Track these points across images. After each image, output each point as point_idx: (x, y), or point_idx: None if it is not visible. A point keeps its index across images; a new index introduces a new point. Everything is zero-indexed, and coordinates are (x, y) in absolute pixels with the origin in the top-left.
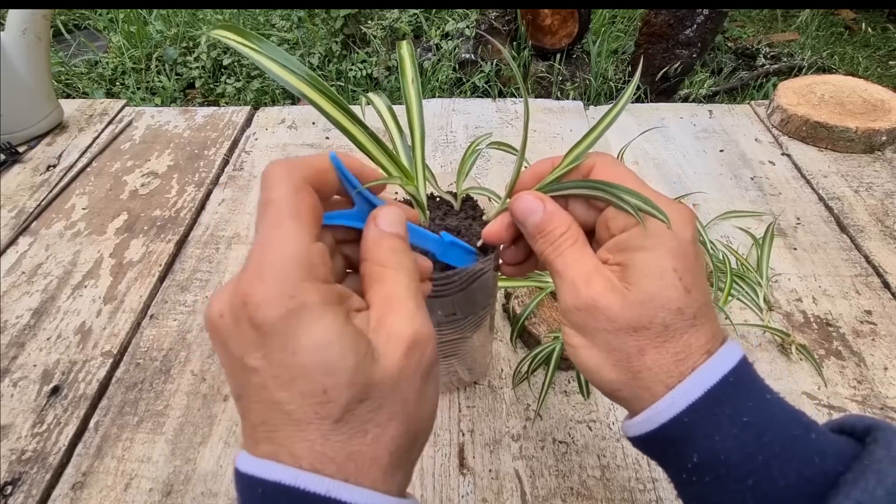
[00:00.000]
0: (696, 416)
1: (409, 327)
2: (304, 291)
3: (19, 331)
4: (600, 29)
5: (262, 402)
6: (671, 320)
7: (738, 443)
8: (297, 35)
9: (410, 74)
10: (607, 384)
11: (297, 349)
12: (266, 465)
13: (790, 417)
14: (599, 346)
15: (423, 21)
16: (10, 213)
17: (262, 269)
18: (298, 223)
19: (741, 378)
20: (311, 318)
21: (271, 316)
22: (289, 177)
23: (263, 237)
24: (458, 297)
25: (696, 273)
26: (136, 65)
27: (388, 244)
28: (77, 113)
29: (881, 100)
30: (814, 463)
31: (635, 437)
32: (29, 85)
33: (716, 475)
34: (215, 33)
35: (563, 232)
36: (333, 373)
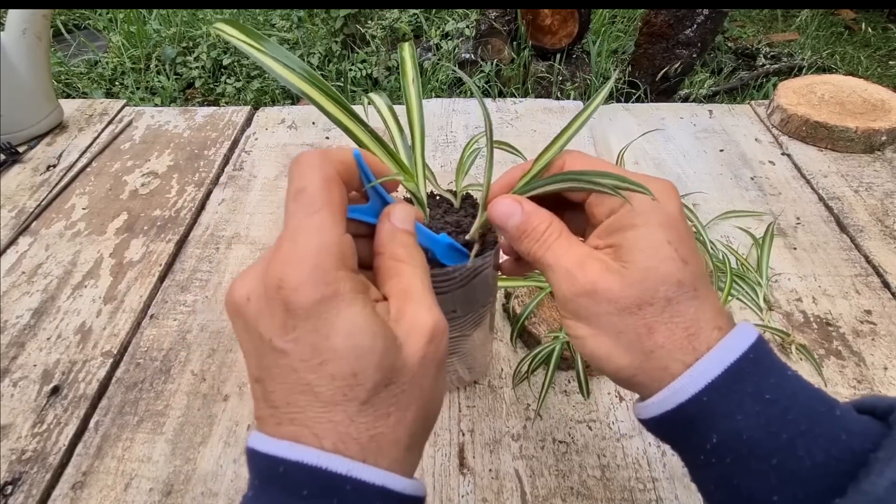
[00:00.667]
0: (715, 395)
1: (429, 318)
2: (338, 279)
3: (19, 331)
4: (600, 29)
5: (289, 384)
6: (673, 293)
7: (761, 421)
8: (297, 35)
9: (411, 75)
10: (622, 370)
11: (330, 333)
12: (288, 445)
13: (813, 395)
14: (607, 331)
15: (423, 21)
16: (10, 213)
17: (297, 254)
18: (332, 213)
19: (760, 355)
20: (345, 304)
21: (307, 300)
22: (322, 167)
23: (297, 224)
24: (458, 294)
25: (689, 244)
26: (136, 64)
27: (403, 240)
28: (77, 113)
29: (881, 100)
30: (841, 440)
31: (649, 419)
32: (29, 85)
33: (737, 455)
34: (217, 27)
35: (546, 227)
36: (363, 356)
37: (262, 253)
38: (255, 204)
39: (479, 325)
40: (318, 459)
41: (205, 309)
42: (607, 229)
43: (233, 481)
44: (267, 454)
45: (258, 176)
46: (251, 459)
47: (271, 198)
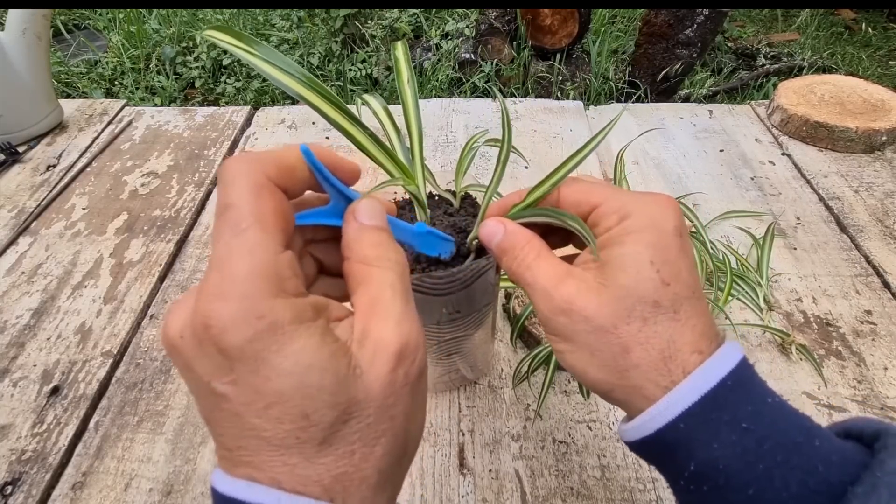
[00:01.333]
0: (692, 422)
1: (395, 336)
2: (273, 310)
3: (19, 331)
4: (600, 29)
5: (236, 428)
6: (649, 314)
7: (738, 450)
8: (297, 35)
9: (406, 75)
10: (597, 385)
11: (269, 374)
12: (246, 485)
13: (792, 423)
14: (583, 348)
15: (423, 21)
16: (10, 213)
17: (223, 286)
18: (262, 230)
19: (740, 381)
20: (284, 338)
21: (238, 339)
22: (249, 175)
23: (223, 248)
24: (461, 295)
25: (676, 266)
26: (136, 64)
27: (371, 238)
28: (77, 113)
29: (881, 100)
30: (818, 472)
31: (631, 442)
32: (29, 85)
33: (714, 484)
34: (207, 34)
35: (523, 245)
36: (313, 395)
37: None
38: None
39: (482, 324)
40: (279, 501)
41: None
42: (600, 246)
43: None
44: (224, 495)
45: None
46: (213, 498)
47: None
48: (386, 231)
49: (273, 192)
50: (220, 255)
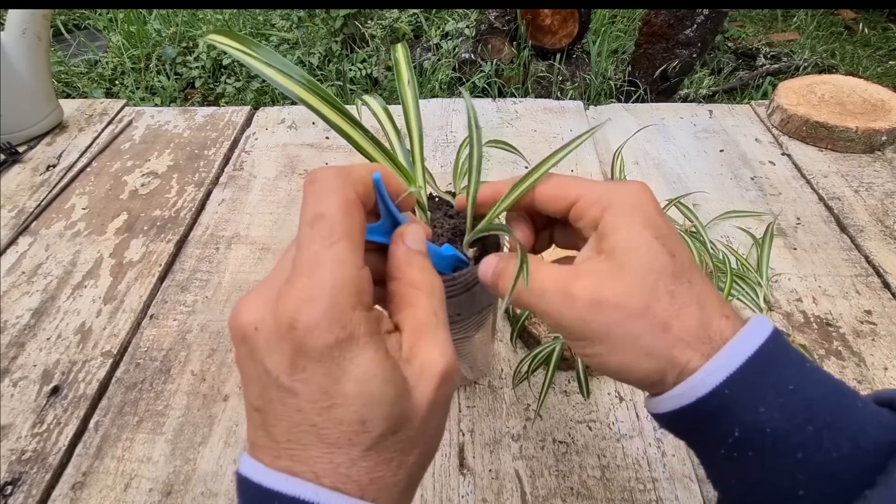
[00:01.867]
0: (737, 387)
1: (441, 359)
2: (354, 321)
3: (19, 331)
4: (600, 29)
5: (293, 423)
6: (673, 286)
7: (786, 413)
8: (297, 35)
9: (406, 76)
10: (647, 377)
11: (341, 378)
12: (285, 478)
13: (835, 386)
14: (623, 341)
15: (423, 21)
16: (10, 213)
17: (313, 291)
18: (351, 245)
19: (779, 346)
20: (359, 349)
21: (321, 343)
22: (342, 190)
23: (315, 255)
24: (462, 298)
25: (673, 239)
26: (136, 64)
27: (419, 263)
28: (77, 113)
29: (881, 100)
30: (866, 432)
31: (666, 413)
32: (29, 85)
33: (760, 449)
34: (210, 38)
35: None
36: (373, 405)
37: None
38: (255, 204)
39: (482, 326)
40: (317, 496)
41: (205, 309)
42: (598, 238)
43: (233, 481)
44: (261, 485)
45: (258, 176)
46: (242, 487)
47: (271, 198)
48: (427, 256)
49: (360, 210)
50: (311, 262)
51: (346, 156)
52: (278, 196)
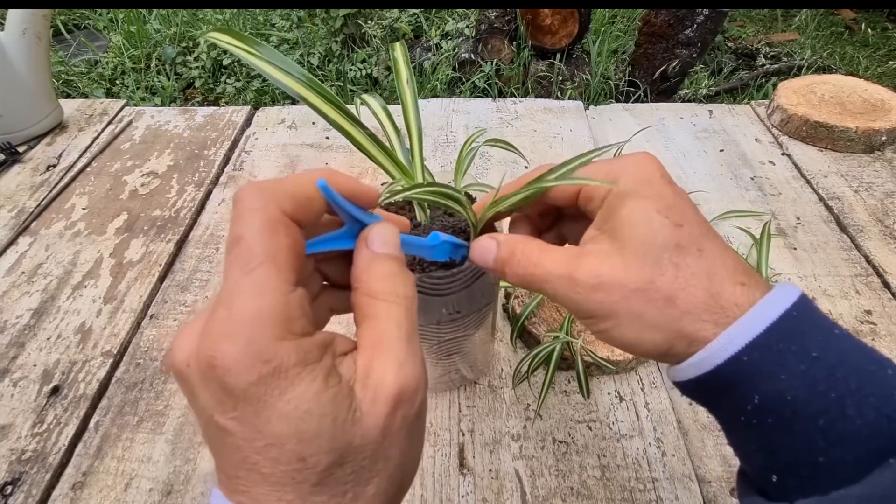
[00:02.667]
0: (758, 354)
1: (396, 378)
2: (279, 353)
3: (19, 331)
4: (600, 29)
5: (236, 460)
6: (677, 258)
7: (808, 380)
8: (297, 35)
9: (405, 75)
10: (656, 348)
11: (271, 416)
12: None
13: (863, 353)
14: (628, 316)
15: (423, 21)
16: (10, 213)
17: (230, 326)
18: (275, 269)
19: (805, 312)
20: (287, 383)
21: (242, 382)
22: (264, 209)
23: (234, 284)
24: (461, 295)
25: (680, 208)
26: (136, 64)
27: (381, 269)
28: (77, 113)
29: (881, 100)
30: (893, 399)
31: (686, 381)
32: (29, 85)
33: (780, 417)
34: (211, 36)
35: (522, 248)
36: (311, 440)
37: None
38: None
39: (482, 324)
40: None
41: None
42: (601, 218)
43: None
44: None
45: (258, 176)
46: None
47: None
48: (398, 260)
49: (288, 228)
50: (230, 292)
51: (346, 155)
52: None
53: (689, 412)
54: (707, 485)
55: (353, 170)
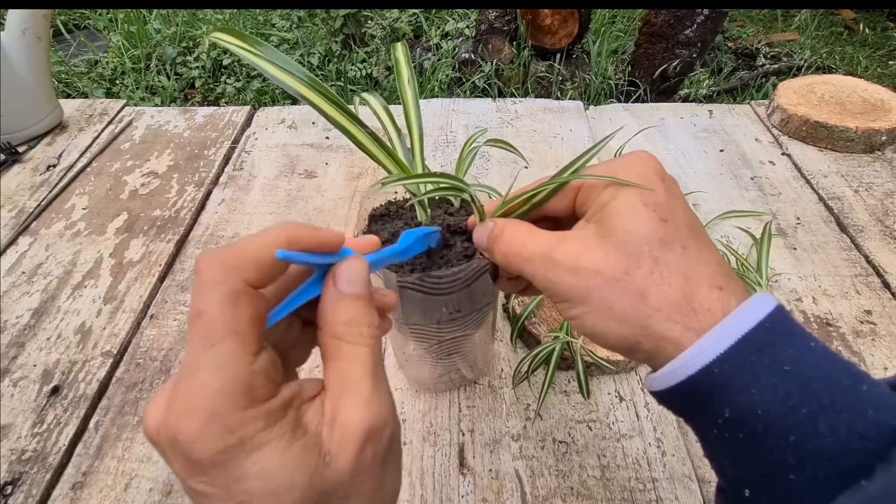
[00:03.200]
0: (728, 366)
1: (362, 417)
2: (243, 423)
3: (19, 331)
4: (600, 29)
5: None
6: (658, 252)
7: (779, 395)
8: (297, 35)
9: (406, 75)
10: (622, 341)
11: (241, 477)
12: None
13: (838, 367)
14: (600, 305)
15: (423, 21)
16: (10, 213)
17: (192, 400)
18: (237, 341)
19: (779, 324)
20: (254, 447)
21: (207, 453)
22: (225, 282)
23: (194, 359)
24: (461, 294)
25: (669, 204)
26: (136, 64)
27: (345, 311)
28: (77, 113)
29: (881, 100)
30: (867, 415)
31: (659, 392)
32: (29, 85)
33: (751, 431)
34: (214, 36)
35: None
36: (283, 494)
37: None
38: (255, 204)
39: (482, 324)
40: None
41: None
42: (592, 210)
43: None
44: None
45: (258, 176)
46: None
47: (271, 198)
48: (362, 299)
49: (250, 299)
50: (191, 367)
51: (347, 155)
52: (278, 196)
53: None
54: (707, 485)
55: (353, 170)
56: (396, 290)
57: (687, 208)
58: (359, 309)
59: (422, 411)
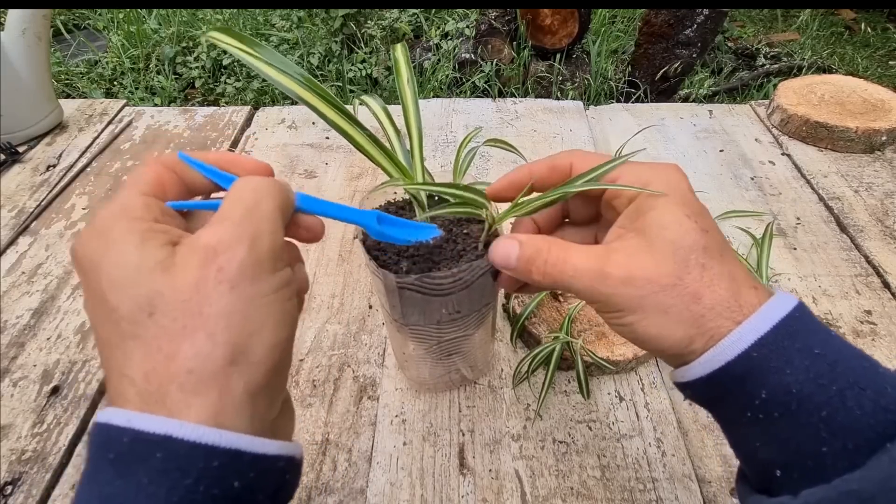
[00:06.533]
0: (765, 350)
1: (211, 233)
2: (112, 225)
3: (19, 331)
4: (600, 29)
5: (98, 346)
6: (705, 259)
7: (811, 374)
8: (297, 35)
9: (406, 75)
10: (676, 344)
11: (97, 274)
12: (98, 411)
13: (857, 352)
14: (655, 311)
15: (423, 21)
16: (10, 213)
17: (90, 223)
18: (130, 189)
19: (805, 315)
20: (112, 242)
21: (86, 253)
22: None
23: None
24: (461, 295)
25: (705, 216)
26: (136, 64)
27: (240, 179)
28: (77, 113)
29: (881, 100)
30: (887, 392)
31: (695, 381)
32: (29, 85)
33: (786, 410)
34: (210, 36)
35: (549, 247)
36: (118, 287)
37: None
38: None
39: (482, 324)
40: (107, 416)
41: None
42: (629, 217)
43: None
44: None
45: None
46: None
47: None
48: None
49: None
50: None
51: (346, 155)
52: None
53: (689, 412)
54: (707, 485)
55: (352, 170)
56: (396, 291)
57: (714, 222)
58: (253, 179)
59: (422, 411)
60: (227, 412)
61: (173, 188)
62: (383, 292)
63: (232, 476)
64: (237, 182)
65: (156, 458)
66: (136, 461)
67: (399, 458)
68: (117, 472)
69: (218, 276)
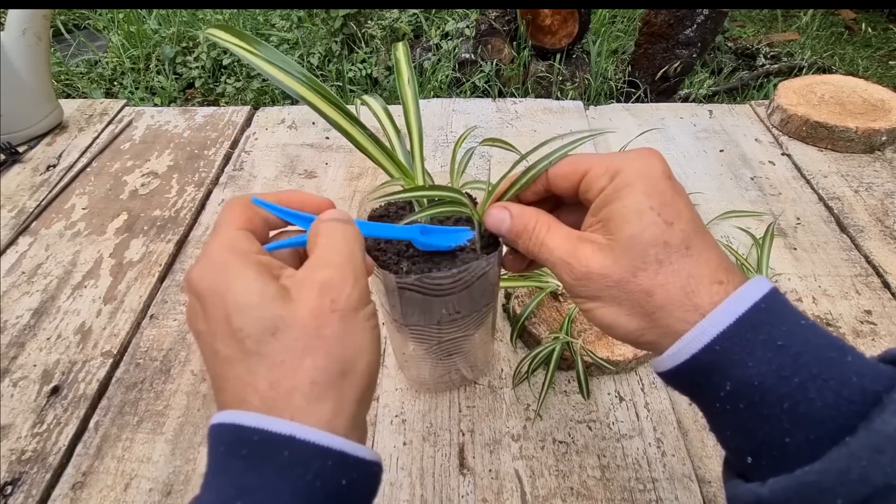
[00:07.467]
0: (728, 344)
1: (323, 272)
2: (228, 258)
3: (19, 331)
4: (600, 29)
5: (211, 361)
6: (662, 255)
7: (773, 367)
8: (297, 35)
9: (406, 75)
10: (630, 334)
11: (221, 301)
12: (217, 414)
13: (825, 341)
14: (609, 302)
15: (423, 21)
16: (10, 213)
17: (199, 257)
18: (229, 226)
19: (773, 305)
20: (232, 273)
21: (206, 283)
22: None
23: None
24: (461, 295)
25: (674, 206)
26: (136, 64)
27: (328, 213)
28: (77, 113)
29: (881, 100)
30: (851, 382)
31: (666, 373)
32: (29, 85)
33: (750, 401)
34: (209, 32)
35: (534, 225)
36: (244, 312)
37: None
38: None
39: (482, 324)
40: (230, 418)
41: None
42: (598, 206)
43: None
44: (211, 425)
45: (258, 176)
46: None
47: None
48: (343, 220)
49: (244, 222)
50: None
51: (347, 155)
52: None
53: (689, 412)
54: (707, 485)
55: (352, 170)
56: (396, 291)
57: (691, 207)
58: (337, 214)
59: (422, 411)
60: (339, 418)
61: (256, 222)
62: (383, 292)
63: (340, 475)
64: (326, 229)
65: (283, 455)
66: (266, 458)
67: (399, 458)
68: (248, 466)
69: (332, 307)
